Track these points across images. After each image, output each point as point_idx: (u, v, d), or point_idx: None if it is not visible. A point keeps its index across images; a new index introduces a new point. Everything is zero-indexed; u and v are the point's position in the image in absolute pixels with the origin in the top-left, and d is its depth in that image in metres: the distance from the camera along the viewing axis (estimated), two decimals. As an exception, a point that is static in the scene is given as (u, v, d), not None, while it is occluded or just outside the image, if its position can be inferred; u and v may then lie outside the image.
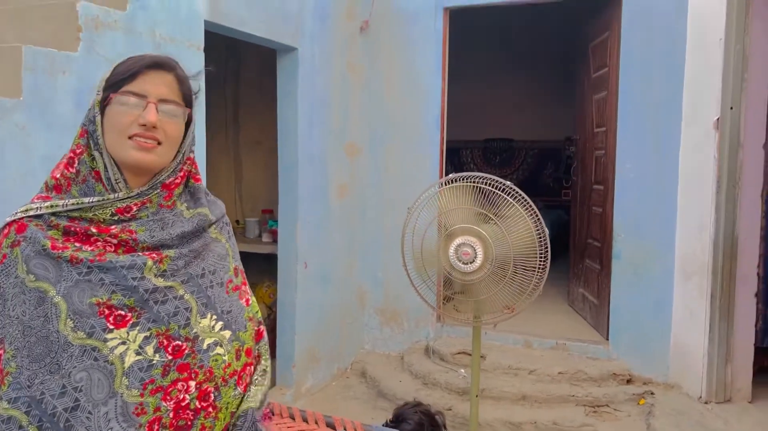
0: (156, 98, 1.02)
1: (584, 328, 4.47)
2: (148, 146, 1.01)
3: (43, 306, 0.96)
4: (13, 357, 0.95)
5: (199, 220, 1.10)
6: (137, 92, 1.01)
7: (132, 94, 1.01)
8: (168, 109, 1.03)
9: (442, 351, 4.21)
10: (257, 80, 5.01)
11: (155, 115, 1.01)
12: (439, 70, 4.39)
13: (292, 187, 3.85)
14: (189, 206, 1.10)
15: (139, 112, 1.01)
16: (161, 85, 1.03)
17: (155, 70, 1.04)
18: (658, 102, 3.82)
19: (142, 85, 1.02)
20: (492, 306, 3.08)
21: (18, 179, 2.11)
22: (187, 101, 1.08)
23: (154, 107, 1.01)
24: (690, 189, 3.71)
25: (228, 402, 1.06)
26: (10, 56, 2.14)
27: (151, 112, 1.00)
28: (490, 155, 8.46)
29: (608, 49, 4.16)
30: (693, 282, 3.68)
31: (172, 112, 1.04)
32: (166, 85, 1.04)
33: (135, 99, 1.01)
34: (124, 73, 1.02)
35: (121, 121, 1.01)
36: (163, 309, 1.01)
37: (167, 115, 1.03)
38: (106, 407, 0.94)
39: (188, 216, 1.09)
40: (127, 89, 1.01)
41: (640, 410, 3.63)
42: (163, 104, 1.03)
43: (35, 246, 0.99)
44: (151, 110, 1.01)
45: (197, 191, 1.13)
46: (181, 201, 1.10)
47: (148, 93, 1.02)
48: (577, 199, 4.97)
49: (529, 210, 2.90)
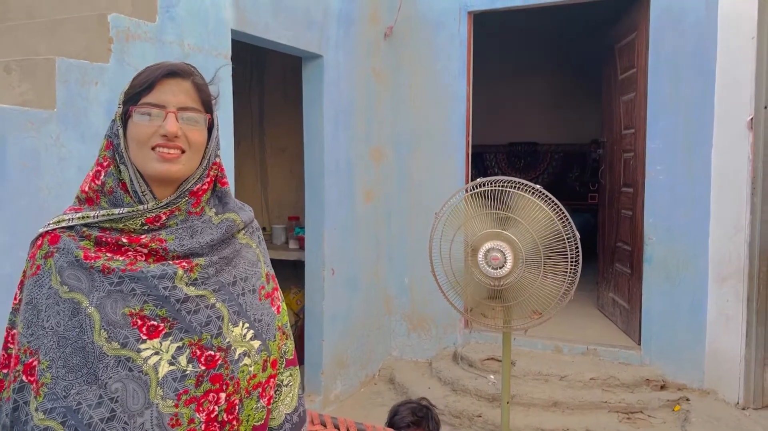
0: (175, 107, 1.01)
1: (615, 333, 4.40)
2: (171, 156, 1.00)
3: (77, 317, 0.96)
4: (48, 368, 0.95)
5: (228, 226, 1.08)
6: (156, 103, 1.00)
7: (151, 106, 1.00)
8: (188, 116, 1.02)
9: (470, 358, 4.17)
10: (282, 87, 5.05)
11: (176, 125, 1.00)
12: (463, 74, 4.37)
13: (319, 193, 3.86)
14: (218, 211, 1.09)
15: (159, 123, 1.00)
16: (179, 93, 1.02)
17: (172, 78, 1.02)
18: (688, 102, 3.75)
19: (159, 95, 1.01)
20: (522, 311, 3.04)
21: (53, 189, 2.14)
22: (207, 107, 1.06)
23: (173, 117, 1.00)
24: (723, 190, 3.63)
25: (249, 415, 1.04)
26: (44, 68, 2.18)
27: (171, 122, 0.99)
28: (515, 159, 8.39)
29: (636, 49, 4.10)
30: (728, 285, 3.59)
31: (192, 119, 1.02)
32: (184, 93, 1.02)
33: (154, 110, 1.00)
34: (141, 85, 1.02)
35: (143, 134, 1.00)
36: (195, 318, 1.00)
37: (188, 122, 1.02)
38: (142, 418, 0.94)
39: (217, 222, 1.07)
40: (145, 101, 1.01)
41: (675, 416, 3.55)
42: (183, 112, 1.02)
43: (68, 257, 0.99)
44: (171, 120, 1.00)
45: (225, 195, 1.12)
46: (210, 206, 1.09)
47: (166, 102, 1.01)
48: (606, 202, 4.90)
49: (559, 213, 2.86)
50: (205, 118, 1.06)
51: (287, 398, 1.17)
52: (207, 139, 1.07)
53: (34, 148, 2.09)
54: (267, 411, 1.09)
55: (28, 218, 2.03)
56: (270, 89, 5.19)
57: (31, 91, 2.17)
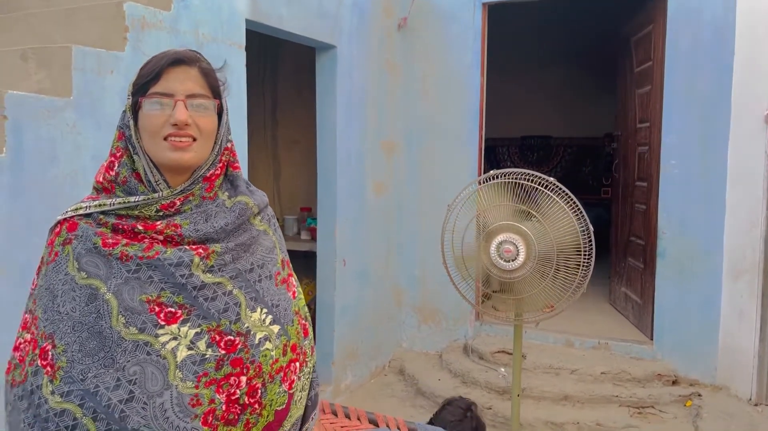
0: (183, 95, 1.01)
1: (626, 328, 4.38)
2: (183, 145, 1.01)
3: (95, 303, 0.97)
4: (64, 353, 0.96)
5: (241, 209, 1.09)
6: (164, 92, 1.01)
7: (159, 95, 1.01)
8: (197, 103, 1.02)
9: (481, 350, 4.17)
10: (295, 80, 5.05)
11: (185, 113, 1.00)
12: (477, 66, 4.35)
13: (331, 184, 3.86)
14: (230, 195, 1.10)
15: (169, 112, 1.00)
16: (187, 81, 1.02)
17: (178, 66, 1.03)
18: (705, 96, 3.71)
19: (167, 84, 1.01)
20: (534, 304, 3.03)
21: (69, 177, 2.16)
22: (215, 92, 1.06)
23: (183, 105, 1.00)
24: (739, 185, 3.59)
25: (272, 400, 1.05)
26: (60, 57, 2.19)
27: (180, 111, 1.00)
28: (527, 152, 8.34)
29: (652, 42, 4.05)
30: (743, 281, 3.56)
31: (202, 105, 1.03)
32: (191, 80, 1.03)
33: (163, 99, 1.01)
34: (148, 75, 1.02)
35: (154, 124, 1.01)
36: (213, 305, 1.01)
37: (197, 109, 1.02)
38: (161, 398, 0.95)
39: (229, 205, 1.08)
40: (154, 91, 1.01)
41: (687, 412, 3.53)
42: (192, 99, 1.02)
43: (86, 244, 1.00)
44: (180, 108, 1.00)
45: (236, 179, 1.12)
46: (222, 190, 1.09)
47: (174, 91, 1.01)
48: (619, 196, 4.87)
49: (573, 206, 2.85)
50: (214, 103, 1.06)
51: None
52: (217, 124, 1.07)
53: (50, 136, 2.11)
54: (289, 396, 1.09)
55: (44, 206, 2.05)
56: (283, 82, 5.19)
57: (47, 79, 2.18)
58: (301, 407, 1.14)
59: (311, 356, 1.18)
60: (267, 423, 1.05)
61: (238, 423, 1.00)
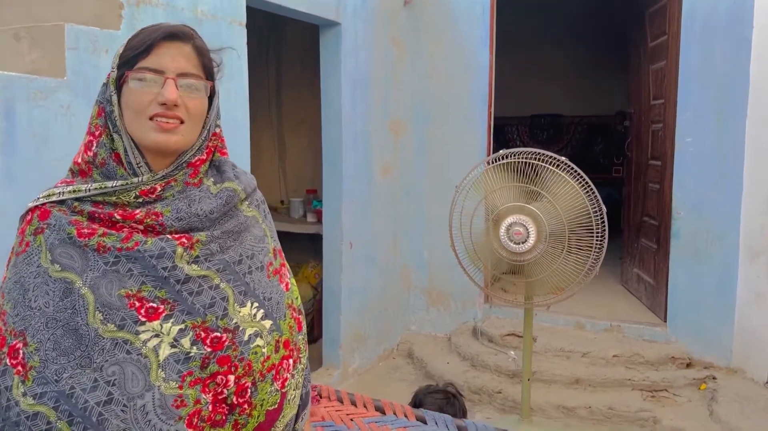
0: (174, 73, 0.94)
1: (639, 310, 4.30)
2: (170, 127, 0.94)
3: (70, 298, 0.90)
4: (36, 351, 0.89)
5: (228, 196, 1.01)
6: (154, 68, 0.93)
7: (148, 71, 0.93)
8: (188, 83, 0.95)
9: (490, 333, 4.11)
10: (300, 59, 4.95)
11: (175, 92, 0.93)
12: (486, 43, 4.23)
13: (336, 166, 3.79)
14: (216, 181, 1.02)
15: (157, 90, 0.93)
16: (179, 58, 0.95)
17: (171, 41, 0.95)
18: (722, 72, 3.58)
19: (158, 60, 0.94)
20: (544, 287, 2.96)
21: (63, 160, 2.07)
22: (209, 73, 0.99)
23: (173, 83, 0.93)
24: (757, 164, 3.48)
25: (264, 399, 0.98)
26: (53, 35, 2.11)
27: (170, 89, 0.92)
28: (537, 131, 8.21)
29: (668, 15, 3.92)
30: (760, 262, 3.47)
31: (193, 86, 0.95)
32: (184, 57, 0.95)
33: (152, 75, 0.93)
34: (138, 47, 0.94)
35: (140, 101, 0.93)
36: (198, 300, 0.93)
37: (188, 90, 0.95)
38: (142, 400, 0.88)
39: (215, 192, 1.00)
40: (142, 65, 0.93)
41: (702, 395, 3.47)
42: (183, 78, 0.94)
43: (60, 234, 0.93)
44: (170, 87, 0.93)
45: (223, 164, 1.04)
46: (208, 177, 1.02)
47: (165, 68, 0.93)
48: (632, 175, 4.76)
49: (585, 186, 2.76)
50: (207, 85, 0.98)
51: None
52: (207, 107, 1.00)
53: (44, 118, 2.04)
54: (281, 395, 1.01)
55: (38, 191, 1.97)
56: (288, 61, 5.09)
57: (41, 59, 2.11)
58: (294, 406, 1.07)
59: (305, 352, 1.11)
60: (258, 423, 0.98)
61: (226, 424, 0.93)
